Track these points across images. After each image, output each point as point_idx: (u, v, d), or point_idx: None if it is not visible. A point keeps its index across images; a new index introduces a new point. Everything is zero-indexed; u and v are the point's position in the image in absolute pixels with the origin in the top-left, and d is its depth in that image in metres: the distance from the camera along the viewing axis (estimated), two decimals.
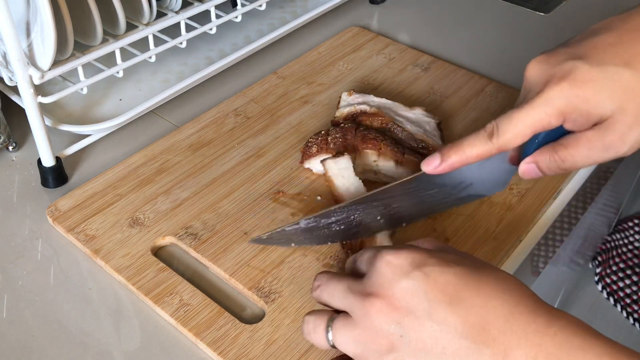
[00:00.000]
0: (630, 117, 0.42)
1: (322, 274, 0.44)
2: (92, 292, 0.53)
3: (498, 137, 0.44)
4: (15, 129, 0.68)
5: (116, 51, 0.63)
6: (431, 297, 0.37)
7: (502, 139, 0.44)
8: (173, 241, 0.56)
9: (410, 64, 0.77)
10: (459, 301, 0.37)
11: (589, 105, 0.42)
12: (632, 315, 1.53)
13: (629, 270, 1.62)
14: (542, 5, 0.93)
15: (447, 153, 0.46)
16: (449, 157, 0.46)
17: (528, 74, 0.46)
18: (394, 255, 0.40)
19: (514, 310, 0.37)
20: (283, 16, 0.86)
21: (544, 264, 0.70)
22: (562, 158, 0.45)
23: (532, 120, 0.43)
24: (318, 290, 0.43)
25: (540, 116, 0.43)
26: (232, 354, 0.47)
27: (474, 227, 0.57)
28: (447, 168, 0.47)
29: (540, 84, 0.44)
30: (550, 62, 0.44)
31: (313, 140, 0.61)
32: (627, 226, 1.70)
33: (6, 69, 0.61)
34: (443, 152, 0.46)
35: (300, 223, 0.52)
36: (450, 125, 0.68)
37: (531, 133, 0.44)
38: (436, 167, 0.47)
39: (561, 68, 0.43)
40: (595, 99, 0.42)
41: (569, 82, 0.42)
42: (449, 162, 0.46)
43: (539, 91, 0.43)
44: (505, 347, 0.36)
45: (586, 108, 0.42)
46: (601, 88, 0.42)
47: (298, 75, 0.75)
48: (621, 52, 0.43)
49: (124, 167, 0.63)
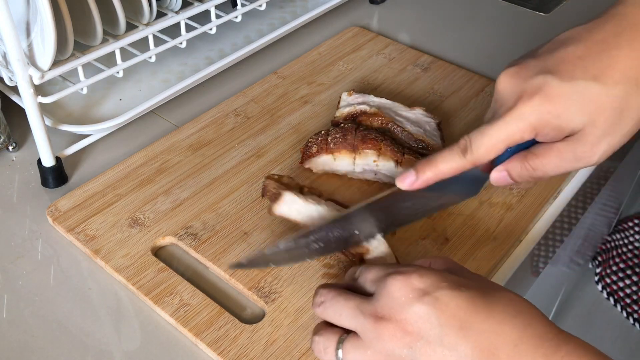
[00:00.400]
0: (599, 130, 0.43)
1: (325, 289, 0.44)
2: (92, 292, 0.53)
3: (472, 152, 0.45)
4: (15, 129, 0.68)
5: (116, 51, 0.63)
6: (443, 322, 0.38)
7: (476, 154, 0.45)
8: (173, 241, 0.56)
9: (410, 64, 0.77)
10: (469, 326, 0.38)
11: (560, 120, 0.43)
12: (632, 315, 1.53)
13: (629, 270, 1.62)
14: (542, 5, 0.93)
15: (422, 169, 0.47)
16: (423, 174, 0.47)
17: (499, 88, 0.46)
18: (405, 279, 0.40)
19: (523, 335, 0.37)
20: (283, 16, 0.86)
21: (544, 264, 0.70)
22: (533, 167, 0.46)
23: (505, 135, 0.44)
24: (322, 307, 0.43)
25: (513, 131, 0.44)
26: (232, 354, 0.47)
27: (474, 227, 0.57)
28: (422, 184, 0.47)
29: (511, 99, 0.45)
30: (520, 75, 0.45)
31: (313, 140, 0.61)
32: (627, 226, 1.70)
33: (6, 69, 0.61)
34: (418, 169, 0.47)
35: (279, 245, 0.51)
36: (450, 125, 0.68)
37: (504, 147, 0.45)
38: (412, 183, 0.47)
39: (532, 83, 0.44)
40: (566, 113, 0.43)
41: (541, 98, 0.43)
42: (424, 178, 0.47)
43: (510, 106, 0.44)
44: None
45: (557, 123, 0.43)
46: (572, 103, 0.43)
47: (298, 75, 0.75)
48: (589, 66, 0.43)
49: (124, 167, 0.63)
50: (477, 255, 0.55)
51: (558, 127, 0.44)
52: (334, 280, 0.53)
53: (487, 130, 0.45)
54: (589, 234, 1.24)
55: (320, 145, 0.60)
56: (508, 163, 0.47)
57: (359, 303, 0.41)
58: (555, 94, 0.43)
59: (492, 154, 0.45)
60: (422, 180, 0.47)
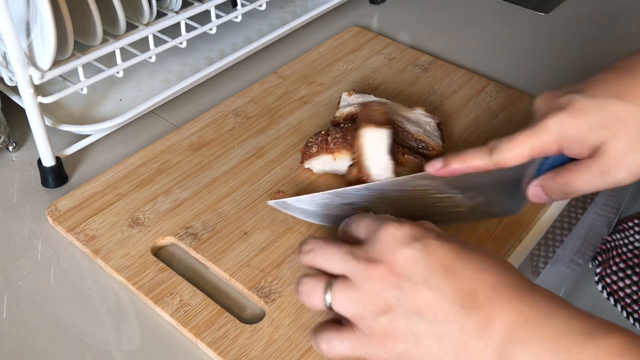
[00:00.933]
0: (623, 144, 0.46)
1: (314, 239, 0.46)
2: (92, 292, 0.53)
3: (497, 153, 0.49)
4: (15, 129, 0.68)
5: (116, 51, 0.63)
6: (429, 266, 0.41)
7: (501, 156, 0.49)
8: (173, 241, 0.56)
9: (410, 64, 0.77)
10: (452, 271, 0.41)
11: (582, 132, 0.47)
12: (632, 315, 1.53)
13: (629, 270, 1.61)
14: (542, 5, 0.93)
15: (450, 158, 0.51)
16: (450, 163, 0.51)
17: (535, 107, 0.51)
18: (397, 226, 0.43)
19: (501, 282, 0.41)
20: (283, 16, 0.86)
21: (544, 264, 0.70)
22: (565, 182, 0.50)
23: (531, 143, 0.48)
24: (311, 254, 0.45)
25: (538, 141, 0.48)
26: (232, 354, 0.47)
27: (474, 227, 0.57)
28: (448, 172, 0.51)
29: (542, 115, 0.49)
30: (553, 96, 0.50)
31: (313, 140, 0.61)
32: (627, 226, 1.70)
33: (6, 69, 0.61)
34: (446, 157, 0.51)
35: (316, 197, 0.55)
36: (450, 125, 0.68)
37: (529, 155, 0.49)
38: (439, 169, 0.51)
39: (560, 101, 0.49)
40: (587, 126, 0.47)
41: (566, 113, 0.48)
42: (450, 167, 0.51)
43: (539, 120, 0.49)
44: (490, 312, 0.39)
45: (580, 135, 0.47)
46: (593, 117, 0.47)
47: (298, 75, 0.75)
48: (613, 86, 0.48)
49: (124, 167, 0.63)
50: None
51: (581, 139, 0.47)
52: None
53: (515, 136, 0.49)
54: (589, 234, 1.24)
55: (320, 145, 0.60)
56: (543, 178, 0.51)
57: (350, 248, 0.44)
58: (579, 109, 0.47)
59: (516, 159, 0.49)
60: (448, 168, 0.51)
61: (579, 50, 0.84)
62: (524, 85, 0.74)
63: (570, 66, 0.80)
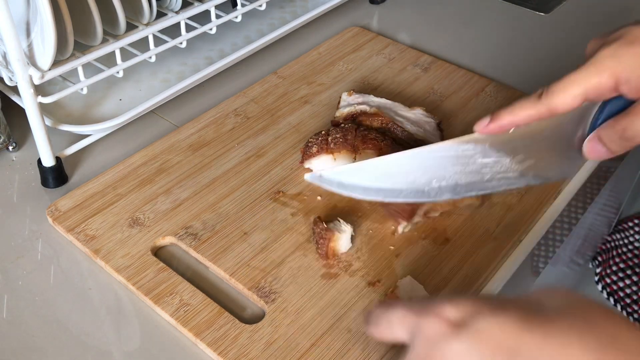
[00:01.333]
0: None
1: None
2: (92, 292, 0.53)
3: (547, 96, 0.44)
4: (15, 129, 0.68)
5: (116, 51, 0.63)
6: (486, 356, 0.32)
7: (552, 98, 0.44)
8: (173, 241, 0.56)
9: (410, 64, 0.77)
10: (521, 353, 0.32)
11: None
12: (632, 315, 1.53)
13: (629, 270, 1.61)
14: (542, 5, 0.93)
15: (498, 113, 0.46)
16: (498, 117, 0.46)
17: (587, 51, 0.46)
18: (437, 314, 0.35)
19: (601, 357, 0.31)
20: (283, 16, 0.86)
21: (544, 264, 0.70)
22: (624, 126, 0.44)
23: (583, 81, 0.43)
24: None
25: (591, 77, 0.43)
26: (232, 354, 0.47)
27: (474, 228, 0.57)
28: (497, 128, 0.46)
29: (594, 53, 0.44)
30: (605, 34, 0.45)
31: (313, 140, 0.61)
32: (627, 226, 1.70)
33: (6, 69, 0.61)
34: (494, 113, 0.46)
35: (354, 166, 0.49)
36: (450, 125, 0.68)
37: (582, 96, 0.43)
38: (486, 125, 0.46)
39: (614, 34, 0.44)
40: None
41: (619, 43, 0.42)
42: (499, 122, 0.46)
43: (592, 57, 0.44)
44: None
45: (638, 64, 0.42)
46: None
47: (298, 75, 0.75)
48: None
49: (124, 167, 0.63)
50: (477, 255, 0.55)
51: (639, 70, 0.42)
52: (334, 280, 0.53)
53: (565, 77, 0.44)
54: (589, 234, 1.24)
55: (321, 145, 0.60)
56: (599, 129, 0.46)
57: None
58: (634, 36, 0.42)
59: (568, 100, 0.43)
60: (497, 124, 0.46)
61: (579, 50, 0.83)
62: (524, 85, 0.74)
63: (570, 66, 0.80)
